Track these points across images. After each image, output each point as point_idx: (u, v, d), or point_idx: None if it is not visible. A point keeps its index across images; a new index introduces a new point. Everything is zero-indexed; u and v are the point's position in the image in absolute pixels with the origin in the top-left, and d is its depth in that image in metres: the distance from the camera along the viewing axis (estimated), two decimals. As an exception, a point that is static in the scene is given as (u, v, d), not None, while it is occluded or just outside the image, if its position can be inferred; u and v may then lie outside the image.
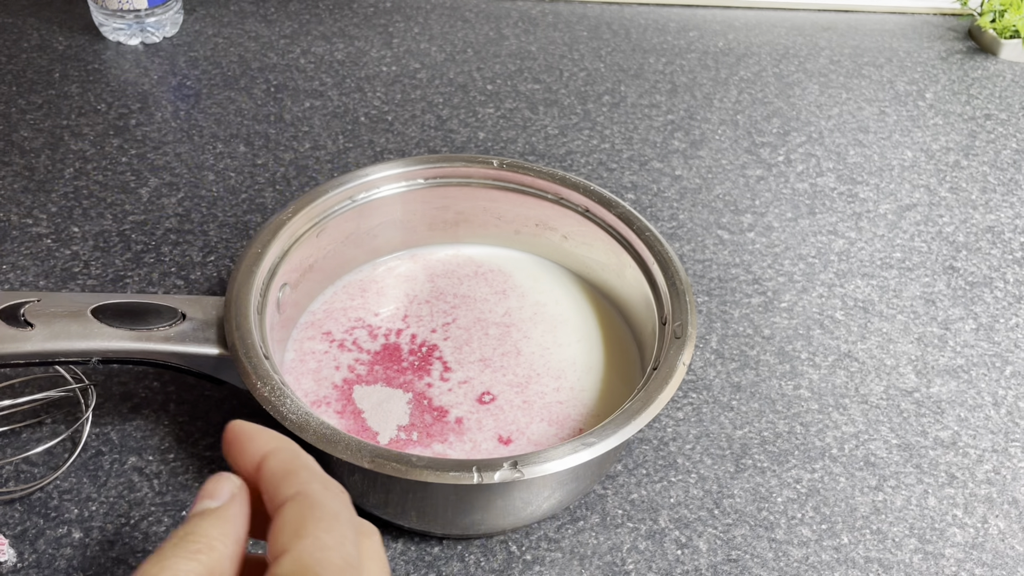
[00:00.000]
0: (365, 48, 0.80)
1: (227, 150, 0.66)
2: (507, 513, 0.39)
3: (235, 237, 0.58)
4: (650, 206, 0.64)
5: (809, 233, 0.63)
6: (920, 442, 0.49)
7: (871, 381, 0.52)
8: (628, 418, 0.37)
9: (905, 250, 0.63)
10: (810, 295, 0.58)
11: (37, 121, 0.67)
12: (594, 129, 0.72)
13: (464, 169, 0.51)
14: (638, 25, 0.89)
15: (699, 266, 0.59)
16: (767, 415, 0.50)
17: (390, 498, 0.39)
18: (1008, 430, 0.50)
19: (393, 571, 0.41)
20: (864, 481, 0.47)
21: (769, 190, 0.67)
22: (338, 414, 0.43)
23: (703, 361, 0.52)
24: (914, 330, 0.56)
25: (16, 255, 0.55)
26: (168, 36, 0.79)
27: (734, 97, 0.78)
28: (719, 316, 0.56)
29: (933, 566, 0.43)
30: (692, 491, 0.45)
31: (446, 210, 0.52)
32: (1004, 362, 0.55)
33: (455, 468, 0.34)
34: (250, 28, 0.82)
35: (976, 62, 0.88)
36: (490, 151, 0.68)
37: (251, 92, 0.73)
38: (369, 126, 0.70)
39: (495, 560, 0.41)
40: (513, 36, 0.85)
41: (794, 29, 0.91)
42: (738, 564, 0.42)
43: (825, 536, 0.44)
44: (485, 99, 0.74)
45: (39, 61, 0.75)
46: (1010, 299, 0.60)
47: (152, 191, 0.61)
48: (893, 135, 0.75)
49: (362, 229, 0.50)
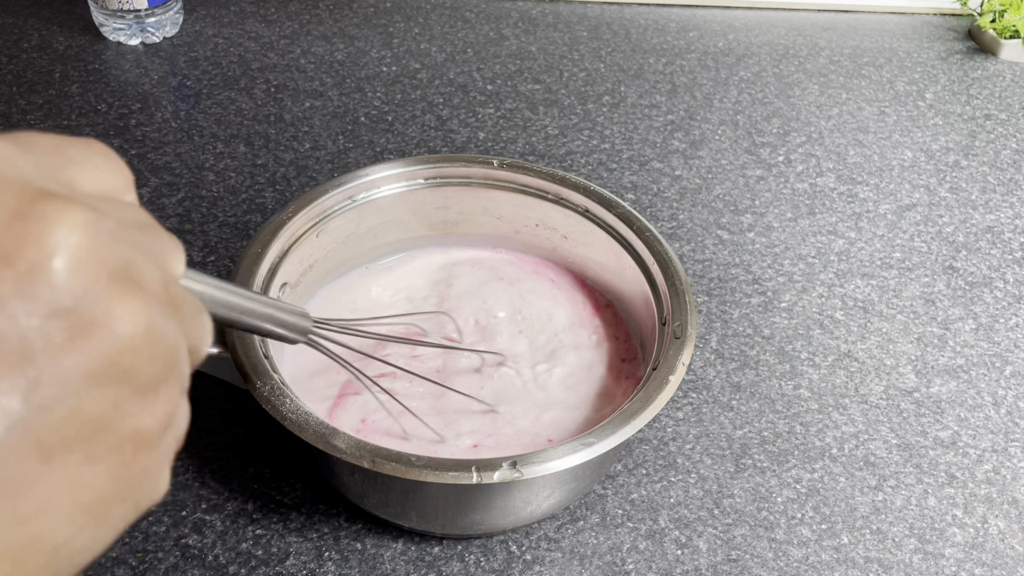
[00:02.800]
0: (365, 48, 0.80)
1: (227, 150, 0.66)
2: (507, 513, 0.39)
3: (235, 237, 0.58)
4: (650, 206, 0.64)
5: (809, 233, 0.63)
6: (920, 442, 0.49)
7: (871, 381, 0.52)
8: (628, 418, 0.37)
9: (905, 250, 0.63)
10: (810, 295, 0.58)
11: (37, 121, 0.67)
12: (594, 129, 0.72)
13: (464, 169, 0.51)
14: (638, 25, 0.89)
15: (699, 266, 0.59)
16: (767, 415, 0.50)
17: (390, 498, 0.39)
18: (1008, 430, 0.50)
19: (393, 571, 0.41)
20: (864, 481, 0.47)
21: (769, 190, 0.67)
22: (335, 412, 0.43)
23: (703, 361, 0.52)
24: (914, 330, 0.56)
25: (16, 255, 0.55)
26: (168, 36, 0.79)
27: (734, 97, 0.78)
28: (719, 316, 0.56)
29: (933, 566, 0.43)
30: (692, 491, 0.45)
31: (446, 210, 0.52)
32: (1004, 362, 0.55)
33: (455, 468, 0.34)
34: (250, 28, 0.82)
35: (976, 62, 0.88)
36: (490, 151, 0.68)
37: (251, 92, 0.73)
38: (369, 126, 0.70)
39: (495, 560, 0.41)
40: (513, 36, 0.85)
41: (794, 29, 0.91)
42: (738, 564, 0.42)
43: (825, 536, 0.44)
44: (485, 99, 0.74)
45: (39, 61, 0.75)
46: (1010, 299, 0.60)
47: (152, 191, 0.61)
48: (893, 135, 0.75)
49: (362, 229, 0.50)
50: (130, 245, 0.17)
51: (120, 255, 0.17)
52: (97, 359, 0.16)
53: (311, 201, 0.46)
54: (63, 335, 0.16)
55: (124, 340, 0.17)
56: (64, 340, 0.16)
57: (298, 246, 0.46)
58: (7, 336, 0.15)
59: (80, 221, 0.16)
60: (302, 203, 0.46)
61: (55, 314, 0.16)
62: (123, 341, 0.17)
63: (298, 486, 0.44)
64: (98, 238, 0.16)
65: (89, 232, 0.16)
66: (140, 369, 0.17)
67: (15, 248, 0.15)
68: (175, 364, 0.18)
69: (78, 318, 0.16)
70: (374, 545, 0.42)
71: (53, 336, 0.16)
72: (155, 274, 0.18)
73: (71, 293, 0.16)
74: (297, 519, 0.42)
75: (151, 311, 0.17)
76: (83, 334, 0.16)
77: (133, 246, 0.18)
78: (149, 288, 0.18)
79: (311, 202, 0.46)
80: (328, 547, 0.41)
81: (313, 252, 0.48)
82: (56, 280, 0.16)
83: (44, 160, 0.17)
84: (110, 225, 0.17)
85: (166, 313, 0.18)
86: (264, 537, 0.42)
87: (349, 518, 0.43)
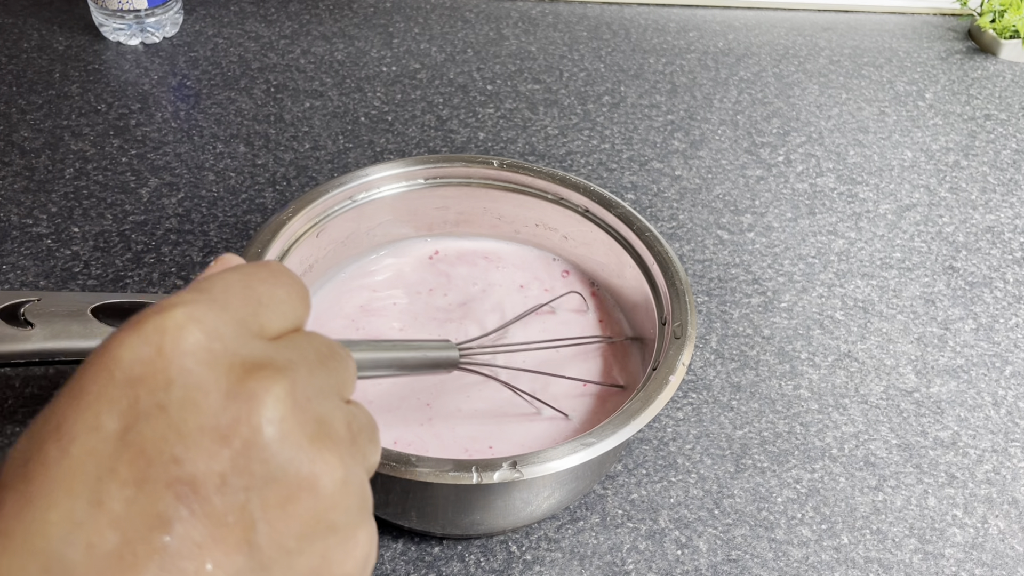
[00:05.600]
0: (365, 48, 0.80)
1: (227, 150, 0.66)
2: (507, 513, 0.39)
3: (235, 237, 0.58)
4: (650, 206, 0.64)
5: (809, 233, 0.63)
6: (920, 442, 0.49)
7: (871, 381, 0.52)
8: (628, 418, 0.37)
9: (905, 250, 0.63)
10: (810, 295, 0.58)
11: (37, 121, 0.67)
12: (594, 129, 0.72)
13: (464, 169, 0.51)
14: (638, 25, 0.89)
15: (699, 266, 0.59)
16: (767, 415, 0.50)
17: (390, 498, 0.39)
18: (1008, 430, 0.50)
19: (393, 571, 0.41)
20: (864, 481, 0.47)
21: (769, 190, 0.67)
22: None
23: (703, 361, 0.52)
24: (914, 330, 0.56)
25: (16, 255, 0.55)
26: (168, 36, 0.79)
27: (734, 97, 0.78)
28: (719, 316, 0.56)
29: (933, 566, 0.43)
30: (692, 491, 0.45)
31: (446, 210, 0.52)
32: (1004, 362, 0.55)
33: (455, 468, 0.34)
34: (250, 28, 0.82)
35: (976, 62, 0.88)
36: (490, 151, 0.68)
37: (251, 92, 0.73)
38: (369, 126, 0.70)
39: (495, 560, 0.41)
40: (513, 36, 0.85)
41: (794, 29, 0.91)
42: (738, 564, 0.42)
43: (825, 536, 0.44)
44: (485, 99, 0.74)
45: (39, 61, 0.75)
46: (1010, 299, 0.60)
47: (152, 191, 0.61)
48: (893, 135, 0.75)
49: (362, 229, 0.50)
50: (320, 395, 0.19)
51: (315, 414, 0.18)
52: (306, 520, 0.18)
53: (311, 201, 0.46)
54: (276, 501, 0.17)
55: (327, 498, 0.18)
56: (277, 506, 0.17)
57: (298, 246, 0.46)
58: (232, 509, 0.17)
59: (282, 393, 0.18)
60: (302, 203, 0.46)
61: (267, 483, 0.17)
62: (326, 500, 0.18)
63: (298, 486, 0.44)
64: (297, 405, 0.18)
65: (289, 402, 0.18)
66: (341, 520, 0.18)
67: (230, 427, 0.17)
68: (365, 502, 0.20)
69: (287, 484, 0.17)
70: (374, 545, 0.42)
71: (269, 504, 0.17)
72: (341, 419, 0.19)
73: (279, 462, 0.17)
74: (297, 519, 0.42)
75: (344, 462, 0.19)
76: (292, 499, 0.17)
77: (322, 394, 0.19)
78: (339, 437, 0.19)
79: (311, 202, 0.46)
80: (328, 547, 0.41)
81: (313, 252, 0.48)
82: (267, 454, 0.17)
83: (239, 315, 0.19)
84: (303, 380, 0.19)
85: (352, 454, 0.19)
86: (264, 537, 0.42)
87: (349, 518, 0.43)
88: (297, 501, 0.17)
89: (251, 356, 0.18)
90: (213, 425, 0.17)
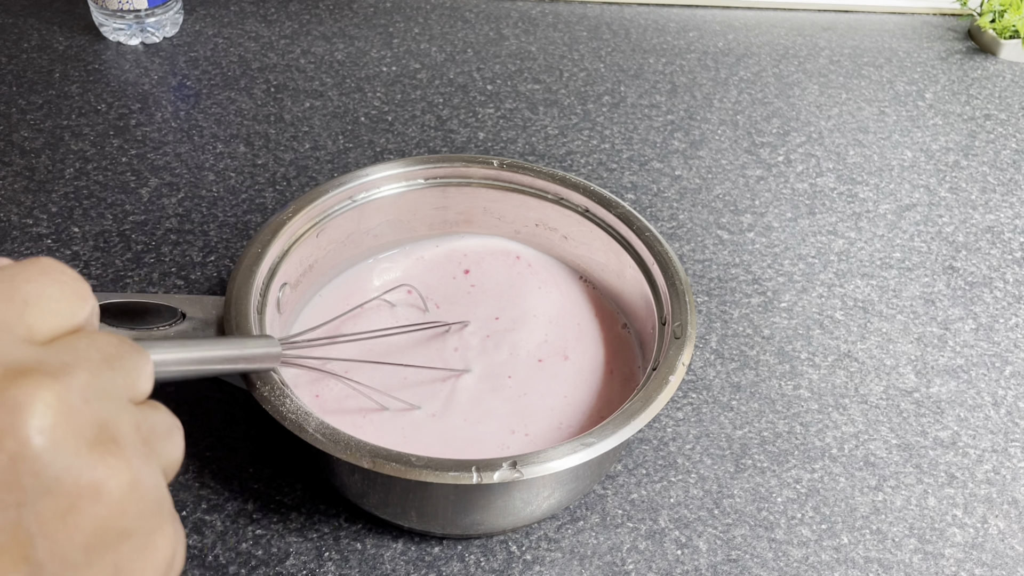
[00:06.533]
0: (365, 48, 0.80)
1: (227, 150, 0.66)
2: (507, 513, 0.39)
3: (235, 237, 0.58)
4: (650, 206, 0.64)
5: (809, 233, 0.63)
6: (920, 442, 0.49)
7: (871, 381, 0.52)
8: (628, 418, 0.37)
9: (905, 250, 0.63)
10: (810, 295, 0.58)
11: (37, 121, 0.67)
12: (594, 129, 0.72)
13: (464, 169, 0.51)
14: (638, 25, 0.89)
15: (699, 266, 0.59)
16: (767, 415, 0.50)
17: (390, 498, 0.39)
18: (1008, 430, 0.50)
19: (393, 571, 0.41)
20: (864, 481, 0.47)
21: (769, 190, 0.67)
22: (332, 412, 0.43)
23: (703, 361, 0.52)
24: (914, 330, 0.56)
25: (16, 255, 0.55)
26: (168, 36, 0.79)
27: (734, 97, 0.78)
28: (719, 316, 0.56)
29: (933, 566, 0.43)
30: (692, 491, 0.45)
31: (446, 210, 0.52)
32: (1004, 362, 0.55)
33: (454, 468, 0.34)
34: (250, 28, 0.82)
35: (976, 62, 0.88)
36: (490, 151, 0.68)
37: (251, 92, 0.73)
38: (369, 126, 0.70)
39: (495, 560, 0.41)
40: (513, 36, 0.85)
41: (794, 29, 0.91)
42: (738, 564, 0.42)
43: (825, 536, 0.44)
44: (485, 99, 0.74)
45: (39, 61, 0.75)
46: (1010, 299, 0.60)
47: (152, 191, 0.61)
48: (893, 135, 0.75)
49: (362, 229, 0.50)
50: (102, 398, 0.18)
51: (94, 417, 0.17)
52: (92, 530, 0.17)
53: (311, 201, 0.47)
54: (54, 514, 0.16)
55: (113, 505, 0.17)
56: (56, 519, 0.16)
57: (298, 246, 0.46)
58: (4, 527, 0.15)
59: (51, 399, 0.16)
60: (302, 203, 0.46)
61: (43, 496, 0.16)
62: (112, 506, 0.17)
63: (298, 486, 0.44)
64: (70, 410, 0.17)
65: (61, 407, 0.16)
66: (133, 526, 0.17)
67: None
68: (161, 505, 0.19)
69: (66, 495, 0.16)
70: (374, 545, 0.42)
71: (46, 518, 0.16)
72: (128, 421, 0.18)
73: (53, 472, 0.16)
74: (297, 519, 0.42)
75: (131, 464, 0.18)
76: (73, 509, 0.16)
77: (106, 396, 0.18)
78: (125, 439, 0.18)
79: (311, 202, 0.46)
80: (328, 547, 0.41)
81: (313, 252, 0.48)
82: (38, 465, 0.16)
83: (1, 315, 0.17)
84: (79, 383, 0.17)
85: (143, 455, 0.18)
86: (264, 537, 0.42)
87: (349, 518, 0.43)
88: (79, 511, 0.16)
89: (15, 362, 0.17)
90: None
